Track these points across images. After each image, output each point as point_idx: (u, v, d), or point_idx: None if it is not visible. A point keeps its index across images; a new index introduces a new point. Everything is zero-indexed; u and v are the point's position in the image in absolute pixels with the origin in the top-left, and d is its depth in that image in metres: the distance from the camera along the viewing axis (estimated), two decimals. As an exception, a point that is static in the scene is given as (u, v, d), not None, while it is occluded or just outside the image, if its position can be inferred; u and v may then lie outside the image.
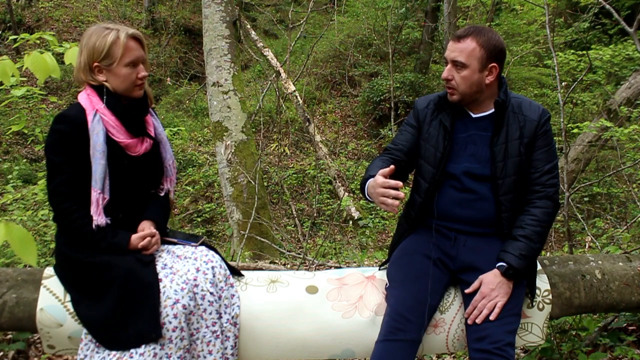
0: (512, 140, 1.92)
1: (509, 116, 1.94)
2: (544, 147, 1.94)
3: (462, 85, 1.89)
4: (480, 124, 1.97)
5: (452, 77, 1.90)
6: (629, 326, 2.82)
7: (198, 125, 10.62)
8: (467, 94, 1.91)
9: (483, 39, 1.86)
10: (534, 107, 1.96)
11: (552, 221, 1.93)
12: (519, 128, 1.92)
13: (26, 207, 5.13)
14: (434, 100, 2.05)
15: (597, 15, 8.46)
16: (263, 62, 8.60)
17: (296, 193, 8.62)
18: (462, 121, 1.99)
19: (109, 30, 1.81)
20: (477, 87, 1.90)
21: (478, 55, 1.86)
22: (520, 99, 1.99)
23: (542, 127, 1.93)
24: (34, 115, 9.01)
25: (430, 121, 2.02)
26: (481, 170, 1.94)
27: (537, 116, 1.94)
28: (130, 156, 1.88)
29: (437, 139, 1.98)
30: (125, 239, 1.83)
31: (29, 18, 12.51)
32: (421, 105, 2.08)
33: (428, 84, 10.46)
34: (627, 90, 6.06)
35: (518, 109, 1.95)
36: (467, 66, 1.86)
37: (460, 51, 1.86)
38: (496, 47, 1.88)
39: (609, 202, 7.35)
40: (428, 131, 2.01)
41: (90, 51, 1.80)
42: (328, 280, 2.04)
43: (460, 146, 1.97)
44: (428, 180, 1.98)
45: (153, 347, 1.68)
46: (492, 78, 1.91)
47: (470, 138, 1.97)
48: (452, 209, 1.97)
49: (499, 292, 1.82)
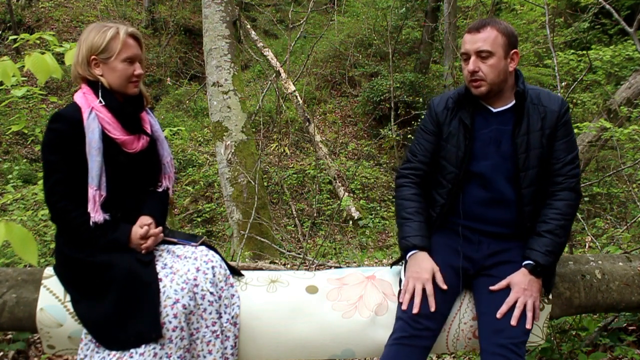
0: (534, 131, 1.89)
1: (529, 107, 1.91)
2: (565, 138, 1.91)
3: (491, 74, 1.85)
4: (502, 118, 1.93)
5: (479, 68, 1.86)
6: (629, 326, 2.82)
7: (198, 125, 10.62)
8: (495, 84, 1.87)
9: (501, 27, 1.86)
10: (552, 97, 1.94)
11: (575, 213, 1.91)
12: (540, 119, 1.90)
13: (26, 207, 5.13)
14: (453, 98, 2.00)
15: (597, 15, 8.46)
16: (263, 62, 8.60)
17: (296, 193, 8.62)
18: (483, 117, 1.95)
19: (109, 27, 1.84)
20: (503, 75, 1.88)
21: (501, 42, 1.85)
22: (537, 89, 1.97)
23: (563, 118, 1.91)
24: (34, 115, 9.02)
25: (449, 121, 1.97)
26: (507, 166, 1.90)
27: (557, 106, 1.91)
28: (127, 153, 1.88)
29: (457, 138, 1.94)
30: (125, 233, 1.83)
31: (29, 18, 12.51)
32: (438, 106, 2.02)
33: (428, 84, 10.46)
34: (627, 90, 6.05)
35: (537, 100, 1.92)
36: (493, 54, 1.84)
37: (484, 40, 1.84)
38: (513, 33, 1.89)
39: (609, 202, 7.35)
40: (448, 131, 1.97)
41: (89, 45, 1.82)
42: (328, 280, 2.04)
43: (484, 143, 1.93)
44: (450, 180, 1.95)
45: (153, 347, 1.68)
46: (514, 65, 1.89)
47: (493, 134, 1.93)
48: (478, 209, 1.93)
49: (532, 290, 1.79)
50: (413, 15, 11.45)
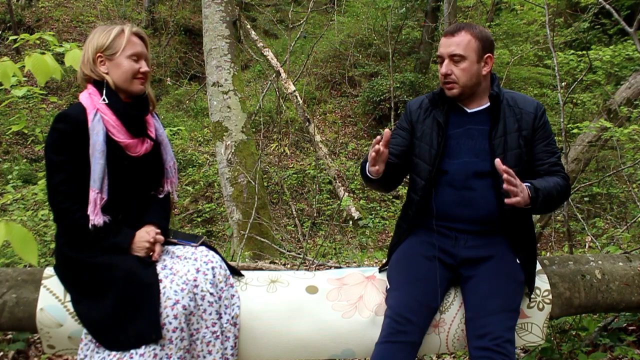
0: (511, 132, 1.93)
1: (504, 109, 1.96)
2: (545, 140, 1.96)
3: (463, 77, 1.91)
4: (476, 118, 1.98)
5: (452, 71, 1.91)
6: (629, 326, 2.82)
7: (198, 125, 10.62)
8: (467, 87, 1.92)
9: (476, 31, 1.91)
10: (528, 100, 2.00)
11: (565, 195, 1.92)
12: (516, 120, 1.94)
13: (26, 207, 5.13)
14: (428, 97, 2.07)
15: (597, 15, 8.45)
16: (263, 62, 8.60)
17: (296, 193, 8.62)
18: (457, 117, 2.00)
19: (114, 26, 1.86)
20: (476, 78, 1.93)
21: (474, 46, 1.90)
22: (512, 93, 2.03)
23: (540, 119, 1.96)
24: (34, 115, 9.01)
25: (423, 120, 2.03)
26: (481, 165, 1.93)
27: (533, 108, 1.97)
28: (130, 157, 1.88)
29: (431, 135, 1.99)
30: (128, 238, 1.83)
31: (29, 18, 12.51)
32: (413, 106, 2.10)
33: (428, 84, 10.46)
34: (627, 90, 6.04)
35: (513, 102, 1.98)
36: (465, 58, 1.89)
37: (457, 44, 1.89)
38: (488, 38, 1.94)
39: (609, 202, 7.36)
40: (422, 129, 2.02)
41: (94, 44, 1.84)
42: (328, 280, 2.04)
43: (457, 141, 1.97)
44: (424, 177, 1.98)
45: (153, 348, 1.68)
46: (488, 69, 1.94)
47: (466, 132, 1.97)
48: (451, 209, 1.96)
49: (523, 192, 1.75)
50: (413, 15, 11.45)
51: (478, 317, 1.84)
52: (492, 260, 1.92)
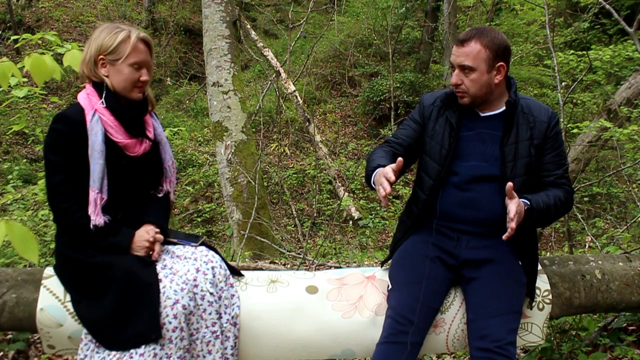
0: (523, 140, 1.91)
1: (518, 116, 1.93)
2: (555, 150, 1.94)
3: (472, 88, 1.89)
4: (489, 123, 1.96)
5: (462, 81, 1.89)
6: (629, 326, 2.82)
7: (198, 125, 10.62)
8: (478, 96, 1.91)
9: (487, 40, 1.86)
10: (543, 109, 1.97)
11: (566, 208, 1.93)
12: (529, 129, 1.92)
13: (26, 207, 5.13)
14: (441, 97, 2.04)
15: (597, 15, 8.45)
16: (263, 62, 8.60)
17: (296, 193, 8.62)
18: (470, 119, 1.98)
19: (121, 29, 1.83)
20: (487, 88, 1.90)
21: (484, 56, 1.85)
22: (528, 100, 2.00)
23: (553, 130, 1.94)
24: (35, 115, 9.01)
25: (436, 118, 2.01)
26: (489, 169, 1.92)
27: (546, 118, 1.94)
28: (129, 156, 1.88)
29: (442, 136, 1.97)
30: (127, 238, 1.83)
31: (29, 18, 12.51)
32: (428, 101, 2.06)
33: (428, 84, 10.46)
34: (627, 90, 6.05)
35: (527, 110, 1.95)
36: (474, 69, 1.86)
37: (466, 55, 1.86)
38: (500, 45, 1.87)
39: (609, 202, 7.35)
40: (434, 128, 2.00)
41: (98, 44, 1.81)
42: (328, 280, 2.04)
43: (468, 144, 1.95)
44: (433, 177, 1.97)
45: (153, 348, 1.68)
46: (501, 77, 1.91)
47: (478, 136, 1.95)
48: (454, 210, 1.95)
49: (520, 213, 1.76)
50: (413, 15, 11.45)
51: (480, 319, 1.83)
52: (494, 262, 1.91)
